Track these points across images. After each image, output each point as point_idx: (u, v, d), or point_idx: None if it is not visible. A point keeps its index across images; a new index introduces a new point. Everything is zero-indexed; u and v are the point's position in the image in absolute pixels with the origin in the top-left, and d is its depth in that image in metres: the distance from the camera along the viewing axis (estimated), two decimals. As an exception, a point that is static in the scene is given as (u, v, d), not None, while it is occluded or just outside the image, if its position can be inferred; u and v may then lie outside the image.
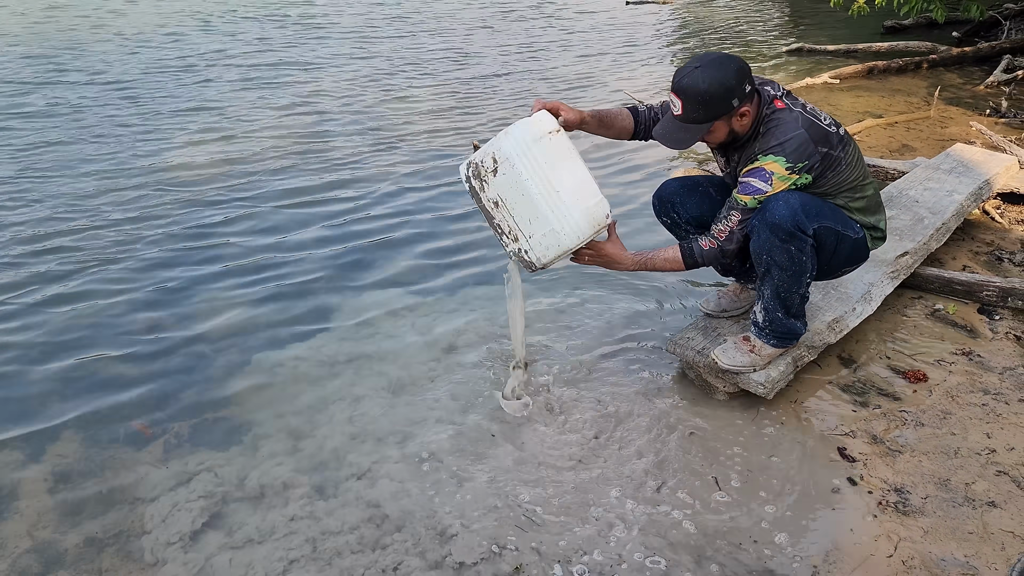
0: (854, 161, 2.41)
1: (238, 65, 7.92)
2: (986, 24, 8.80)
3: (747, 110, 2.30)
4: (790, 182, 2.29)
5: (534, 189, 2.26)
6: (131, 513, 2.27)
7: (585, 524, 2.17)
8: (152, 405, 2.77)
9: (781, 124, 2.29)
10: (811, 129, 2.28)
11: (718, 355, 2.59)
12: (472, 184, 2.37)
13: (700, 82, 2.24)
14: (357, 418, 2.66)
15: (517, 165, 2.26)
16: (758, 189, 2.30)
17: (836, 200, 2.42)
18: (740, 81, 2.26)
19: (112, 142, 5.57)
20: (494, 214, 2.35)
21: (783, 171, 2.27)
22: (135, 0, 11.65)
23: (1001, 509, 2.18)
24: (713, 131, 2.34)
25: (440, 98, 6.74)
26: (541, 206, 2.27)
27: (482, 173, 2.33)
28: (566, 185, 2.28)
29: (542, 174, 2.26)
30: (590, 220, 2.32)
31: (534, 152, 2.26)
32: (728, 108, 2.26)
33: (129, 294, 3.51)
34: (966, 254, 3.68)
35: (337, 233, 4.15)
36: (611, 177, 4.91)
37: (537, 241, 2.32)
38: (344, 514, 2.24)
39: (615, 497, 2.26)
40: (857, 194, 2.45)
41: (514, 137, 2.29)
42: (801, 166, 2.27)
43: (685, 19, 11.00)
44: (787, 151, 2.26)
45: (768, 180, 2.29)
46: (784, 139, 2.26)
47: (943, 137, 5.40)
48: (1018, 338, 3.00)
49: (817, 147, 2.28)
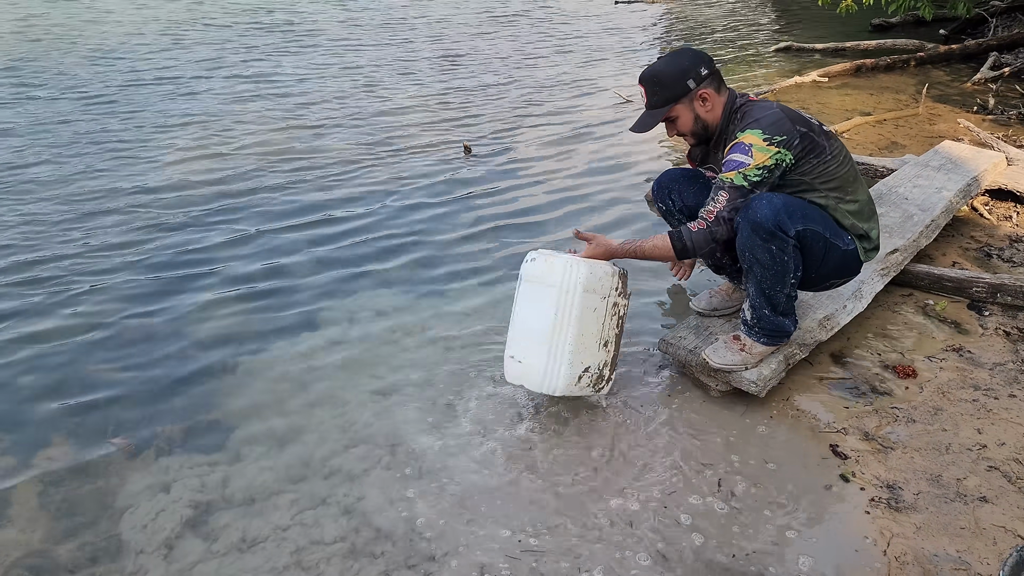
0: (840, 156, 2.43)
1: (225, 76, 7.89)
2: (973, 21, 8.85)
3: (707, 93, 2.40)
4: (770, 154, 2.29)
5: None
6: (114, 521, 2.25)
7: (584, 535, 2.17)
8: (139, 412, 2.75)
9: (756, 107, 2.39)
10: (786, 111, 2.37)
11: (709, 355, 2.59)
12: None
13: (656, 67, 2.43)
14: (347, 426, 2.64)
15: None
16: (740, 163, 2.32)
17: (823, 195, 2.42)
18: (695, 64, 2.39)
19: (95, 151, 5.54)
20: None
21: (761, 142, 2.29)
22: (112, 10, 11.52)
23: (993, 504, 2.19)
24: (678, 116, 2.43)
25: (429, 107, 6.72)
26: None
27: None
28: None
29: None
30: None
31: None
32: (685, 89, 2.38)
33: (116, 298, 3.49)
34: (956, 251, 3.69)
35: (327, 236, 4.14)
36: (614, 180, 4.91)
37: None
38: (330, 523, 2.21)
39: (614, 504, 2.26)
40: (848, 196, 2.45)
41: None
42: (779, 139, 2.29)
43: (674, 19, 11.03)
44: (763, 124, 2.31)
45: (748, 152, 2.31)
46: (760, 116, 2.34)
47: (931, 134, 5.42)
48: (1008, 334, 3.01)
49: (795, 125, 2.33)
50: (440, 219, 4.35)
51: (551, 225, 4.24)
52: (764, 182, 2.33)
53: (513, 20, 10.88)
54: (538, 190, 4.75)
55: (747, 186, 2.32)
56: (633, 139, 5.57)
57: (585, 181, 4.86)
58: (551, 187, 4.79)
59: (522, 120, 6.21)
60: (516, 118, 6.26)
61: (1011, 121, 5.66)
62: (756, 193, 2.33)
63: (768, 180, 2.33)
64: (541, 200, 4.60)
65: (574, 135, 5.80)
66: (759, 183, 2.32)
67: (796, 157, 2.33)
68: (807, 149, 2.35)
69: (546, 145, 5.58)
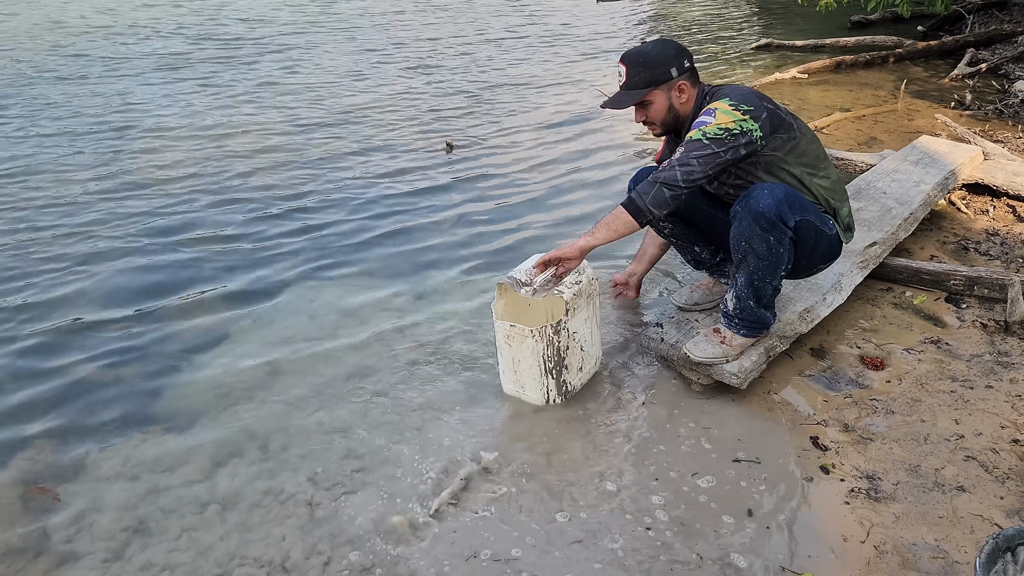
0: (809, 135, 2.48)
1: (199, 73, 7.83)
2: (950, 18, 8.93)
3: (685, 85, 2.43)
4: (734, 118, 2.30)
5: None
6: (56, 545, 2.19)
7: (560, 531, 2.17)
8: (106, 414, 2.71)
9: (726, 86, 2.46)
10: (754, 91, 2.42)
11: (690, 348, 2.61)
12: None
13: (643, 49, 2.46)
14: (332, 434, 2.63)
15: None
16: (703, 122, 2.34)
17: (797, 169, 2.43)
18: (679, 55, 2.44)
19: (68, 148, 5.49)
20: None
21: (726, 107, 2.32)
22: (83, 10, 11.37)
23: (970, 493, 2.21)
24: (654, 101, 2.45)
25: (411, 104, 6.71)
26: None
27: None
28: None
29: None
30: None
31: None
32: (667, 75, 2.40)
33: (83, 296, 3.45)
34: (934, 244, 3.73)
35: (309, 231, 4.12)
36: (587, 171, 4.92)
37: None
38: (297, 535, 2.17)
39: (590, 498, 2.27)
40: (820, 172, 2.48)
41: None
42: (746, 108, 2.31)
43: (656, 17, 11.05)
44: (731, 96, 2.37)
45: (712, 113, 2.34)
46: (728, 91, 2.41)
47: (910, 129, 5.47)
48: (984, 326, 3.05)
49: (762, 102, 2.37)
50: (422, 214, 4.34)
51: (532, 220, 4.25)
52: (723, 142, 2.29)
53: (496, 18, 10.86)
54: (520, 186, 4.76)
55: (704, 140, 2.30)
56: (613, 136, 5.59)
57: (566, 178, 4.87)
58: (533, 183, 4.80)
59: (504, 118, 6.21)
60: (498, 116, 6.26)
61: (988, 116, 5.72)
62: (712, 150, 2.30)
63: (728, 143, 2.29)
64: (523, 196, 4.61)
65: (556, 132, 5.80)
66: (716, 140, 2.29)
67: (765, 134, 2.34)
68: (775, 125, 2.37)
69: (528, 142, 5.59)
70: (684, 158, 2.32)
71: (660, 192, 2.34)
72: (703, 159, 2.30)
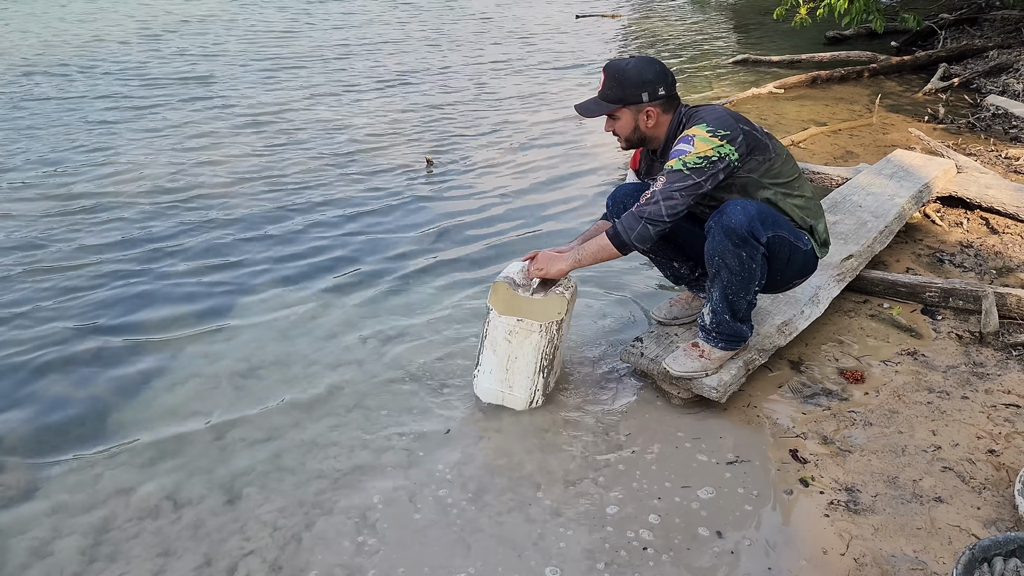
0: (784, 155, 2.50)
1: (179, 87, 7.80)
2: (923, 34, 9.10)
3: (654, 111, 2.46)
4: (712, 145, 2.33)
5: None
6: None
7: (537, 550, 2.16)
8: (66, 420, 2.70)
9: (702, 108, 2.49)
10: (730, 112, 2.45)
11: (669, 363, 2.61)
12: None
13: (623, 65, 2.46)
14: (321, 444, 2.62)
15: None
16: (682, 151, 2.37)
17: (771, 191, 2.46)
18: (657, 79, 2.44)
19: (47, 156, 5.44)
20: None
21: (704, 133, 2.35)
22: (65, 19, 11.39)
23: (947, 504, 2.23)
24: (620, 118, 2.50)
25: (392, 121, 6.71)
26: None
27: None
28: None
29: None
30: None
31: None
32: (637, 98, 2.43)
33: (45, 301, 3.42)
34: (909, 256, 3.77)
35: (287, 245, 4.10)
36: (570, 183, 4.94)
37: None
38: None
39: (572, 513, 2.26)
40: (795, 191, 2.51)
41: None
42: (723, 133, 2.34)
43: (634, 34, 11.16)
44: (707, 120, 2.38)
45: (690, 141, 2.36)
46: (705, 114, 2.43)
47: (885, 143, 5.54)
48: (960, 337, 3.08)
49: (739, 124, 2.40)
50: (402, 230, 4.33)
51: (512, 234, 4.26)
52: (703, 171, 2.34)
53: (476, 34, 10.92)
54: (499, 201, 4.77)
55: (684, 171, 2.34)
56: (592, 152, 5.63)
57: (545, 194, 4.89)
58: (512, 198, 4.82)
59: (484, 134, 6.22)
60: (478, 132, 6.28)
61: (960, 130, 5.81)
62: (693, 180, 2.34)
63: (708, 171, 2.34)
64: (502, 210, 4.63)
65: (535, 148, 5.83)
66: (697, 170, 2.33)
67: (741, 156, 2.37)
68: (751, 147, 2.40)
69: (507, 158, 5.60)
70: (667, 190, 2.36)
71: (645, 229, 2.41)
72: (685, 191, 2.35)
